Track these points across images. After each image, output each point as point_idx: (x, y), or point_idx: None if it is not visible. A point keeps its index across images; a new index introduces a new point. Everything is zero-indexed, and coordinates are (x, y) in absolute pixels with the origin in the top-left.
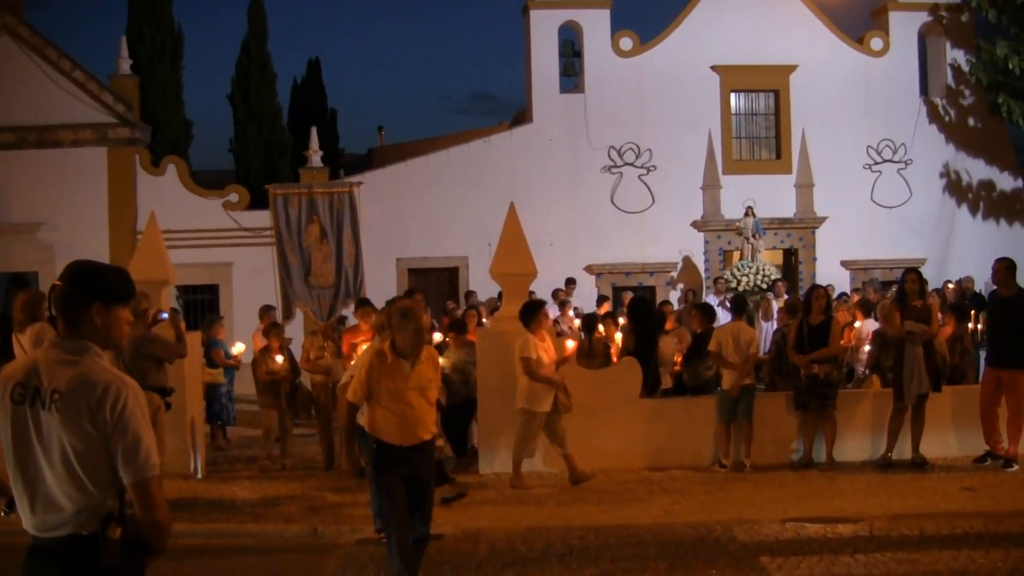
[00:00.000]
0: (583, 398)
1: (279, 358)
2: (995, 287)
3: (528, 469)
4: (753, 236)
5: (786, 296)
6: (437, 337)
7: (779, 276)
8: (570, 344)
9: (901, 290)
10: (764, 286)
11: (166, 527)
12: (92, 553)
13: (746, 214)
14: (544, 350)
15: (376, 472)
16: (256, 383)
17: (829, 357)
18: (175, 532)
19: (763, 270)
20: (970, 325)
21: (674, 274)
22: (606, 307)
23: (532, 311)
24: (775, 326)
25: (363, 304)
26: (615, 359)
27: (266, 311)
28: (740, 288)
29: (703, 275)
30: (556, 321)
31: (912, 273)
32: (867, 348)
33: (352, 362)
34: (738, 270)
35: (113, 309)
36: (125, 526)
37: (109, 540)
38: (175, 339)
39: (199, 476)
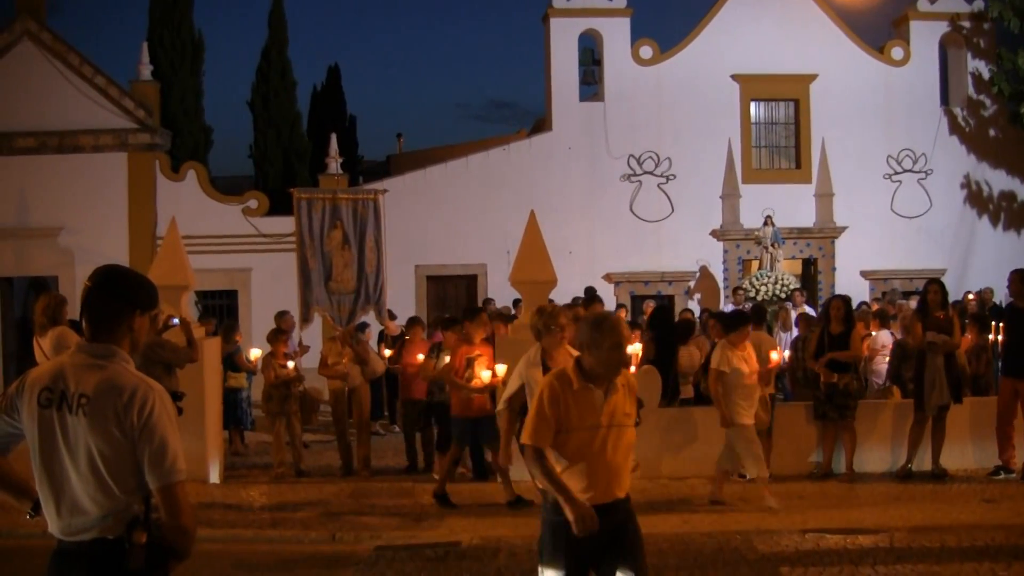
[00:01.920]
0: None
1: (290, 363)
2: (1012, 298)
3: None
4: (772, 245)
5: (805, 306)
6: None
7: (798, 286)
8: (775, 355)
9: (923, 300)
10: (783, 296)
11: (191, 532)
12: (117, 557)
13: (765, 223)
14: (744, 359)
15: (552, 540)
16: (263, 391)
17: (849, 360)
18: None
19: (782, 279)
20: (991, 336)
21: (692, 283)
22: (622, 314)
23: (736, 321)
24: (793, 335)
25: (475, 312)
26: (634, 368)
27: (281, 316)
28: (759, 298)
29: (721, 284)
30: None
31: (935, 284)
32: (886, 358)
33: (479, 378)
34: (757, 279)
35: (144, 316)
36: (150, 530)
37: (135, 544)
38: (185, 344)
39: (217, 481)
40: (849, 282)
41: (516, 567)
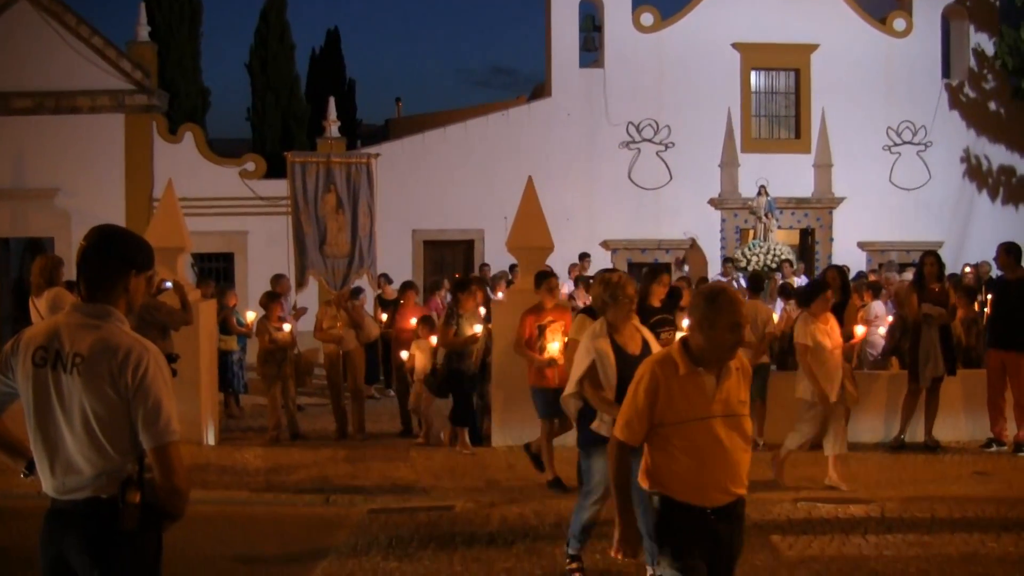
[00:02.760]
0: None
1: (286, 327)
2: (1000, 271)
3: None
4: (766, 215)
5: (795, 277)
6: (478, 329)
7: (790, 257)
8: (860, 330)
9: (919, 273)
10: (773, 266)
11: (184, 493)
12: (111, 516)
13: (759, 193)
14: (827, 333)
15: (667, 542)
16: (258, 354)
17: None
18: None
19: (774, 250)
20: (977, 308)
21: (682, 253)
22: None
23: (816, 291)
24: (781, 305)
25: (545, 277)
26: None
27: (276, 280)
28: (749, 268)
29: (719, 253)
30: (571, 296)
31: (930, 256)
32: (879, 329)
33: (548, 352)
34: (749, 249)
35: (140, 277)
36: (144, 490)
37: (128, 504)
38: (180, 306)
39: (212, 443)
40: (846, 253)
41: (509, 532)
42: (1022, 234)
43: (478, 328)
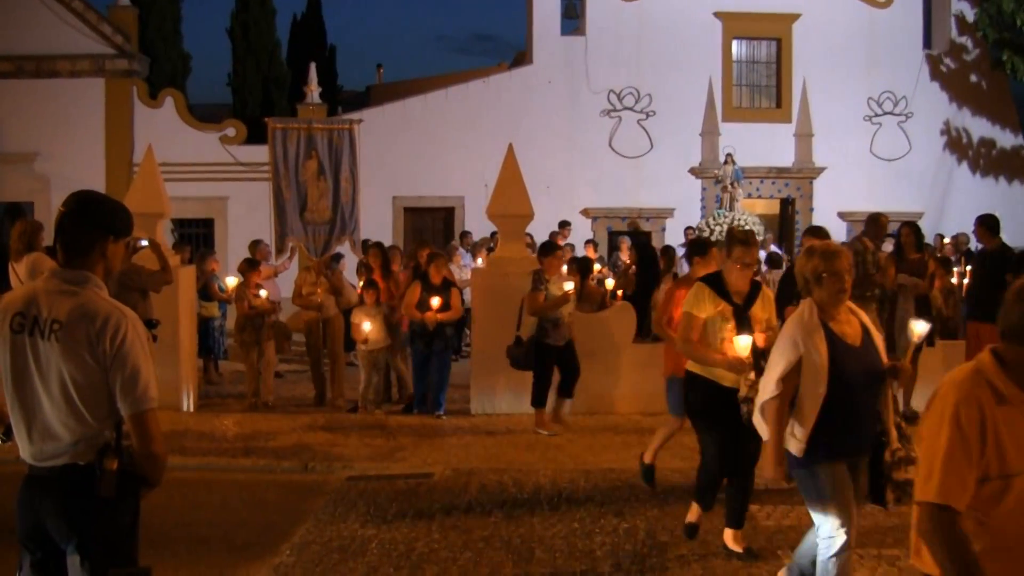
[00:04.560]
0: (577, 342)
1: (263, 292)
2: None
3: (515, 410)
4: (732, 184)
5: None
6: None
7: (754, 227)
8: None
9: (898, 243)
10: None
11: (162, 460)
12: (88, 483)
13: (725, 162)
14: None
15: None
16: (236, 321)
17: None
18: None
19: (739, 219)
20: (954, 280)
21: (662, 223)
22: (590, 250)
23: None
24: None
25: (702, 247)
26: (609, 302)
27: (255, 246)
28: (713, 238)
29: (699, 222)
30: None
31: (907, 227)
32: None
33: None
34: (713, 219)
35: (119, 243)
36: (121, 457)
37: (105, 471)
38: (160, 268)
39: (191, 410)
40: (827, 223)
41: (487, 500)
42: (1001, 206)
43: (568, 286)
